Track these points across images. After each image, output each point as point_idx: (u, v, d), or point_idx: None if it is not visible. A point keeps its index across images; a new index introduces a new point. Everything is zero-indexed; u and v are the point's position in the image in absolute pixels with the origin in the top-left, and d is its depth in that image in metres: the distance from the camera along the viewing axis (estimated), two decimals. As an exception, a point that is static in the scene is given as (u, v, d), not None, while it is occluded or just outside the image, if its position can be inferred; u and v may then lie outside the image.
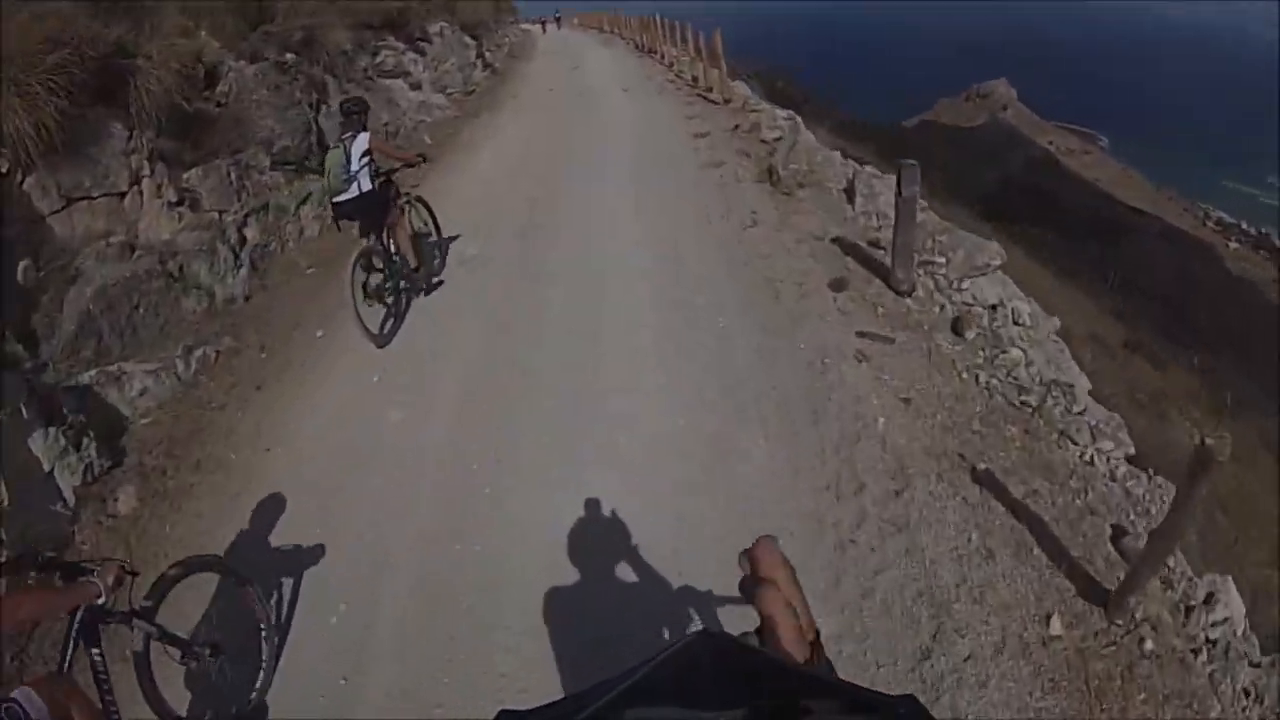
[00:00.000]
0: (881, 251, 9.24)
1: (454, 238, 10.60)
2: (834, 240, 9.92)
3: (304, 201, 10.84)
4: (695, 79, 21.68)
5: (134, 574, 3.66)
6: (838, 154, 14.78)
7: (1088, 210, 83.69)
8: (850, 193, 11.61)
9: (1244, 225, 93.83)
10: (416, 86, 18.64)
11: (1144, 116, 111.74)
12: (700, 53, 21.37)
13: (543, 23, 54.12)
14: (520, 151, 15.93)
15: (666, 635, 4.39)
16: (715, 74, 19.78)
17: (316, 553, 5.42)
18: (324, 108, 12.75)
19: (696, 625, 4.53)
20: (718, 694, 0.84)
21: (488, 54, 28.05)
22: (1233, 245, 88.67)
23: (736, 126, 16.29)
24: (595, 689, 0.88)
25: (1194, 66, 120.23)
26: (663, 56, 27.66)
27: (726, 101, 18.63)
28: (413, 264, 8.72)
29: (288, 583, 5.23)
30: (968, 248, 9.09)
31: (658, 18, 28.58)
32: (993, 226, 24.87)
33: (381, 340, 7.93)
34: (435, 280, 9.42)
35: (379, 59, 17.10)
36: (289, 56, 12.40)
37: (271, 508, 5.90)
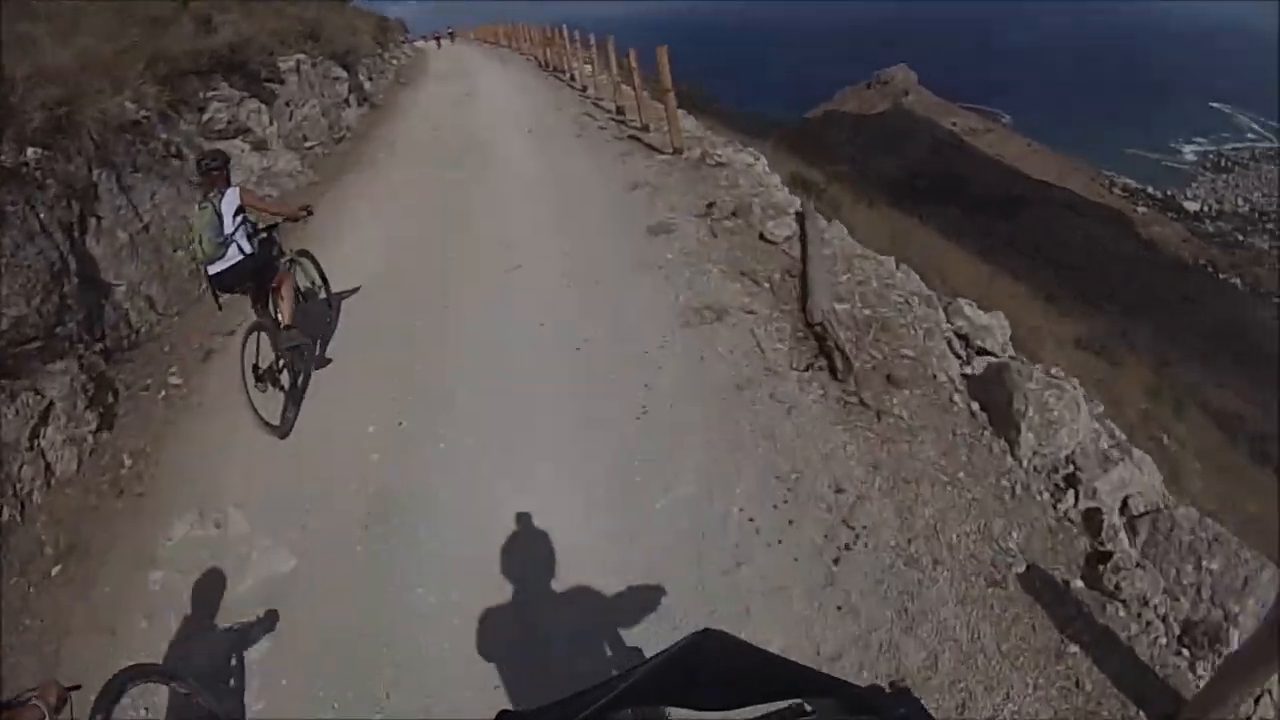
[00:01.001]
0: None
1: (348, 292, 8.91)
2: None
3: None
4: (620, 110, 16.35)
5: (74, 688, 2.91)
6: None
7: (995, 187, 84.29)
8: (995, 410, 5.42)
9: (1150, 190, 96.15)
10: (261, 146, 13.54)
11: (1045, 92, 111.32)
12: (622, 71, 16.59)
13: (436, 38, 51.20)
14: (383, 264, 9.89)
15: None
16: (649, 103, 15.34)
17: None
18: (94, 224, 8.28)
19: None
20: (718, 693, 0.90)
21: (368, 83, 23.08)
22: (1140, 210, 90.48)
23: (710, 206, 9.87)
24: (596, 689, 0.92)
25: (1091, 41, 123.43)
26: (573, 77, 22.05)
27: (677, 152, 12.60)
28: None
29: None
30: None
31: (564, 29, 22.81)
32: (902, 211, 25.72)
33: (283, 430, 6.65)
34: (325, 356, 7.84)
35: (207, 116, 12.10)
36: (29, 155, 7.62)
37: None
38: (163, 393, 7.55)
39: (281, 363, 6.94)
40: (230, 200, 6.64)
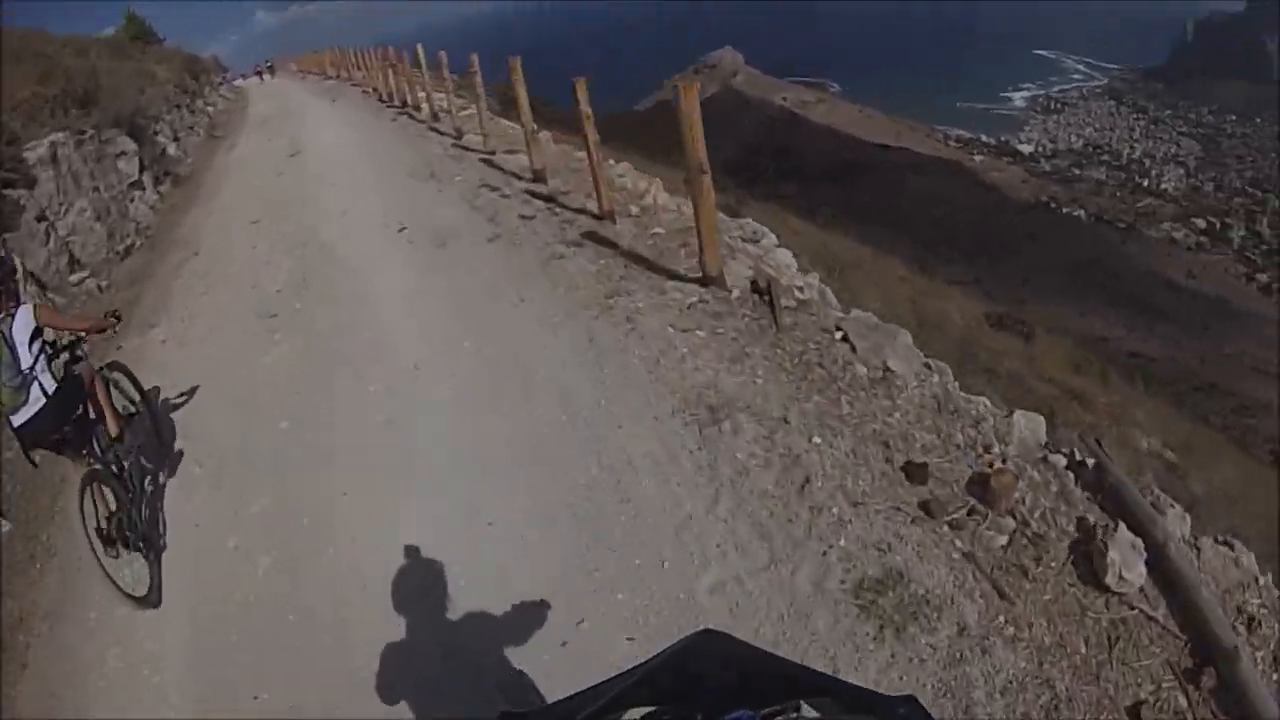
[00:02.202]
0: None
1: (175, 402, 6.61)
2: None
3: None
4: (524, 161, 10.86)
5: None
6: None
7: (832, 155, 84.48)
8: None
9: (984, 138, 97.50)
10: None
11: (870, 58, 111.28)
12: (489, 99, 13.03)
13: (258, 73, 45.69)
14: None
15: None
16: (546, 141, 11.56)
17: None
18: None
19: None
20: (718, 693, 0.86)
21: (172, 146, 17.01)
22: (978, 158, 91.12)
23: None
24: (596, 689, 0.91)
25: (908, 4, 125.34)
26: (433, 114, 16.15)
27: (609, 217, 8.23)
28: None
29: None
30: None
31: (419, 49, 16.54)
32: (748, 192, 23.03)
33: (154, 598, 4.82)
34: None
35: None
36: None
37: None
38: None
39: (131, 513, 5.09)
40: (23, 323, 4.93)
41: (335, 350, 6.85)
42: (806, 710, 0.86)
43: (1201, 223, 77.54)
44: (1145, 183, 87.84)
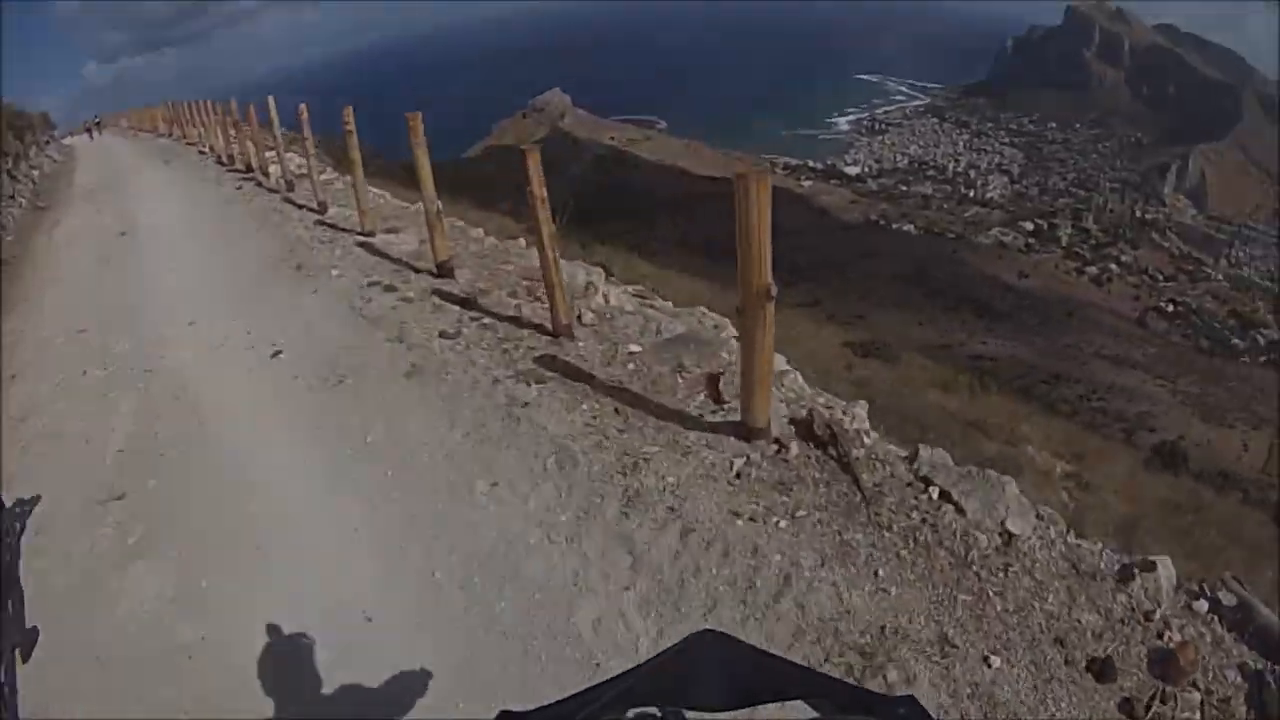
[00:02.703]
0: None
1: None
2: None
3: None
4: (412, 245, 9.23)
5: None
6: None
7: (663, 191, 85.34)
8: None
9: (810, 163, 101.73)
10: None
11: (695, 94, 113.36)
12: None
13: (87, 129, 42.26)
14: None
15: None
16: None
17: None
18: None
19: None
20: (718, 694, 0.85)
21: None
22: (806, 183, 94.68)
23: None
24: (595, 689, 0.87)
25: (729, 41, 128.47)
26: (288, 182, 13.27)
27: (564, 332, 6.23)
28: None
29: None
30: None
31: (271, 102, 13.25)
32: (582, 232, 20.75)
33: None
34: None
35: None
36: None
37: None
38: None
39: None
40: None
41: (218, 591, 4.14)
42: (806, 710, 0.86)
43: (1029, 225, 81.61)
44: (971, 193, 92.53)
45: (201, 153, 21.00)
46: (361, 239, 9.64)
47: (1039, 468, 10.36)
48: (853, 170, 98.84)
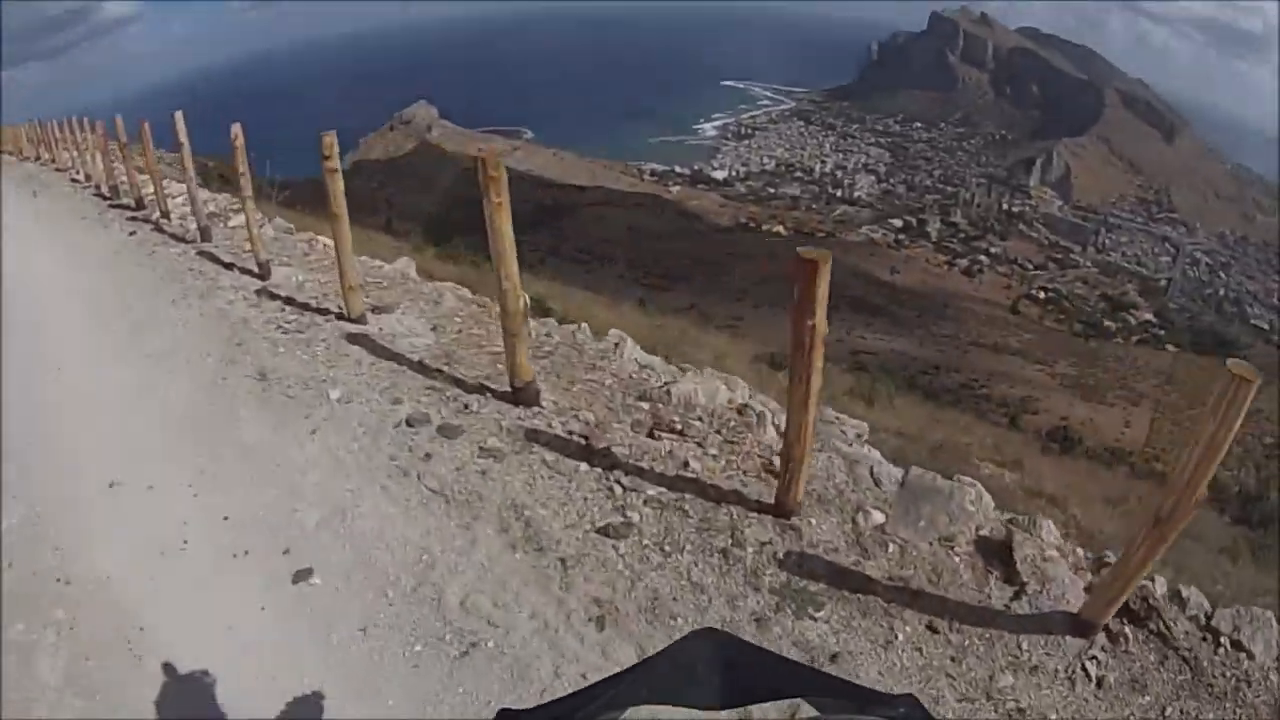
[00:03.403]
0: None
1: None
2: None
3: None
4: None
5: None
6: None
7: (530, 200, 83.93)
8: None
9: (677, 169, 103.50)
10: None
11: (559, 104, 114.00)
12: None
13: None
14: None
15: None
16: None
17: None
18: None
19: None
20: (717, 692, 0.83)
21: None
22: (674, 188, 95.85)
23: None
24: (595, 687, 0.85)
25: (590, 53, 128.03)
26: (200, 227, 9.49)
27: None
28: None
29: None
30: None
31: (178, 118, 8.81)
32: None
33: None
34: None
35: None
36: None
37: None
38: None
39: None
40: None
41: None
42: (805, 709, 0.84)
43: (898, 222, 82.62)
44: (839, 193, 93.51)
45: (75, 180, 16.46)
46: (351, 327, 6.17)
47: (1006, 485, 8.65)
48: (720, 174, 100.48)
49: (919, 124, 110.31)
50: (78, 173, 16.87)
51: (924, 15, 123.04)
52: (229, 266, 8.02)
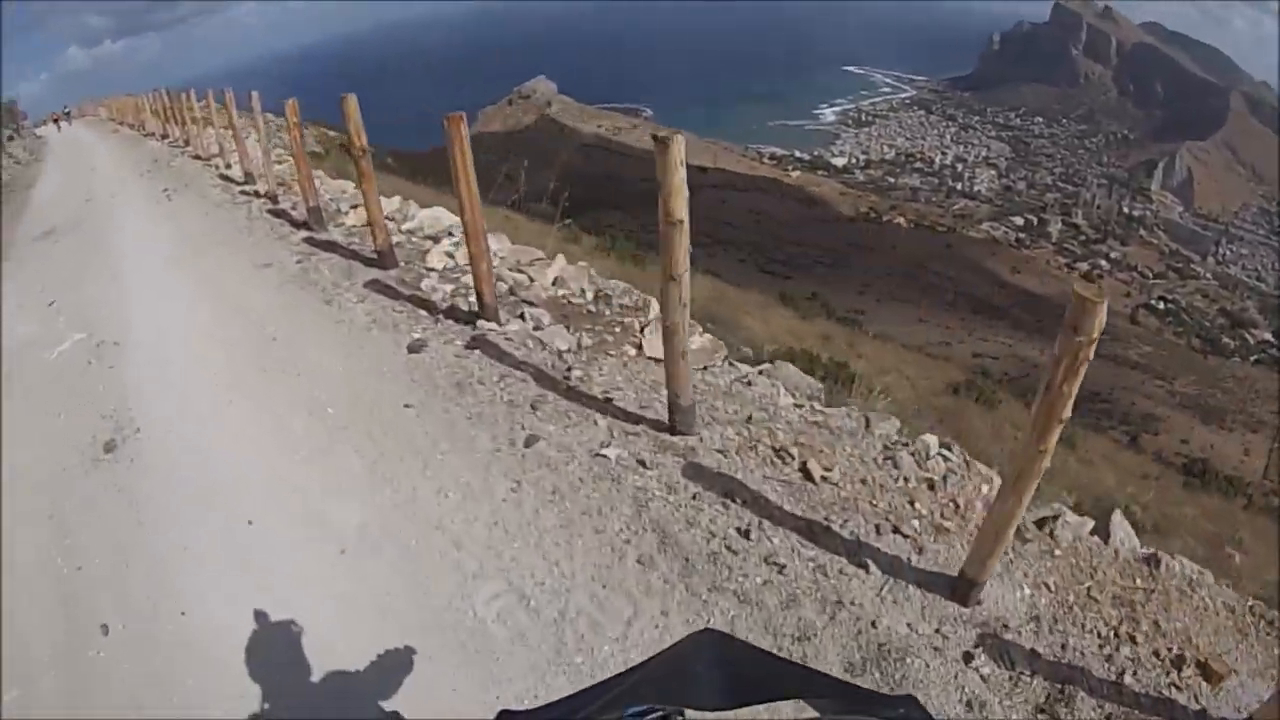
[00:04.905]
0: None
1: None
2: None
3: None
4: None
5: None
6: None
7: (653, 179, 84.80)
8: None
9: (797, 154, 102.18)
10: None
11: (680, 84, 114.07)
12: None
13: (55, 119, 40.09)
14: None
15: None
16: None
17: None
18: None
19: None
20: (717, 692, 0.84)
21: None
22: (794, 173, 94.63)
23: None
24: (595, 688, 0.87)
25: (713, 34, 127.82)
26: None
27: None
28: None
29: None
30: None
31: (352, 101, 6.44)
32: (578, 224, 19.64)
33: None
34: None
35: None
36: None
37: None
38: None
39: None
40: None
41: None
42: (806, 710, 0.84)
43: (1019, 220, 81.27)
44: (959, 186, 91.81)
45: (226, 178, 12.18)
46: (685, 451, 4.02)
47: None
48: (839, 161, 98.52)
49: (1040, 119, 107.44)
50: (227, 164, 13.06)
51: (1047, 7, 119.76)
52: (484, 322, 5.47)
